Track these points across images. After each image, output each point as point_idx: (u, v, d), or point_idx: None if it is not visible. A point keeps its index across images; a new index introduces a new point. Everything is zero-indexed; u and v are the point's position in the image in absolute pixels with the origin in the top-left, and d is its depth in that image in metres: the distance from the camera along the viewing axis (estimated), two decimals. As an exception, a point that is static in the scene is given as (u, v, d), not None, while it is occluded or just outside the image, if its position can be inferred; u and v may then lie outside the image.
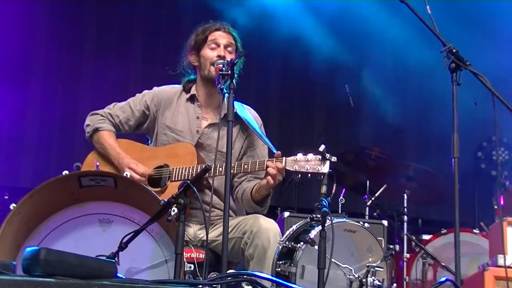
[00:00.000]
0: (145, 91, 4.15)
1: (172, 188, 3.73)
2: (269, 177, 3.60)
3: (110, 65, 6.68)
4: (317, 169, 3.48)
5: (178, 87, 4.14)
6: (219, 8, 6.01)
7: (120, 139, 4.06)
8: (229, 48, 3.98)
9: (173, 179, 3.81)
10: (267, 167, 3.59)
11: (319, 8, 6.88)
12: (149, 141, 4.16)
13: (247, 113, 4.01)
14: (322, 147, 3.43)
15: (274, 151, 3.67)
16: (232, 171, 3.48)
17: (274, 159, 3.61)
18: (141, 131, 4.16)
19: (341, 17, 6.88)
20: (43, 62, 6.84)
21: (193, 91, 4.07)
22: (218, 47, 3.98)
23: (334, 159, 3.46)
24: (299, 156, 3.55)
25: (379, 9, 6.83)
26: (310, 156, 3.52)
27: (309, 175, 3.52)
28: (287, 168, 3.56)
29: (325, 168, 3.46)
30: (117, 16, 6.97)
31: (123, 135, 4.12)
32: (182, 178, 3.75)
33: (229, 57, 3.86)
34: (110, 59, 6.74)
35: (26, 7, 6.71)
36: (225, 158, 3.64)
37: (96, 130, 4.02)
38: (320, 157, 3.48)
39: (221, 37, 4.02)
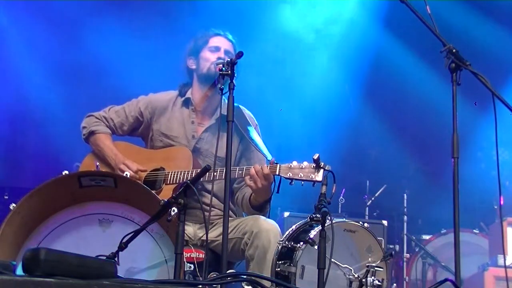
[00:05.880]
0: (140, 97, 4.17)
1: (167, 191, 3.77)
2: (247, 178, 3.61)
3: (111, 65, 6.67)
4: (310, 177, 3.47)
5: (173, 92, 4.16)
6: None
7: (118, 141, 4.10)
8: (229, 54, 4.00)
9: (168, 182, 3.83)
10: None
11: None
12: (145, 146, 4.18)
13: (243, 114, 4.01)
14: (316, 155, 3.41)
15: (269, 157, 3.66)
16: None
17: (269, 165, 3.61)
18: (136, 135, 4.20)
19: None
20: (44, 61, 6.84)
21: (188, 94, 4.09)
22: (219, 50, 4.01)
23: (328, 167, 3.44)
24: (294, 163, 3.54)
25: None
26: (305, 164, 3.51)
27: (302, 182, 3.51)
28: (281, 175, 3.55)
29: (319, 176, 3.45)
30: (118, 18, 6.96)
31: (120, 138, 4.15)
32: (177, 182, 3.79)
33: None
34: (111, 58, 6.73)
35: (24, 7, 6.71)
36: (221, 163, 3.66)
37: (92, 133, 4.06)
38: (314, 165, 3.47)
39: (221, 42, 4.06)
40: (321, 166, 3.44)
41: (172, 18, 6.81)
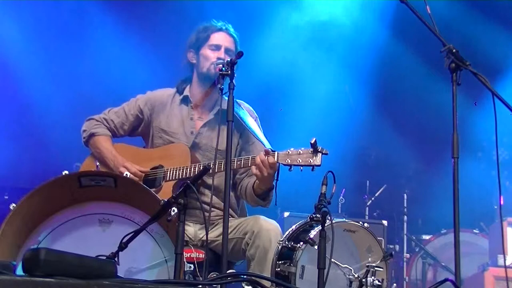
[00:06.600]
0: (139, 96, 4.18)
1: (167, 188, 3.79)
2: (253, 168, 3.61)
3: (110, 66, 6.68)
4: (309, 161, 3.47)
5: (172, 90, 4.17)
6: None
7: (115, 143, 4.11)
8: (230, 52, 3.99)
9: (168, 179, 3.84)
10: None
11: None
12: (145, 145, 4.19)
13: (241, 108, 4.01)
14: (313, 140, 3.42)
15: (268, 146, 3.67)
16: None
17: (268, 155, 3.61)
18: (136, 134, 4.20)
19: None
20: (44, 61, 6.84)
21: (186, 92, 4.09)
22: (219, 49, 3.99)
23: (325, 151, 3.45)
24: (291, 150, 3.55)
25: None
26: (302, 149, 3.52)
27: (301, 168, 3.51)
28: (280, 162, 3.55)
29: (317, 160, 3.45)
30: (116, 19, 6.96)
31: (118, 139, 4.15)
32: (176, 178, 3.80)
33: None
34: (111, 58, 6.74)
35: (24, 8, 6.71)
36: (222, 156, 3.66)
37: (92, 135, 4.06)
38: (312, 149, 3.48)
39: (222, 39, 4.03)
40: (319, 150, 3.45)
41: (171, 18, 6.81)
